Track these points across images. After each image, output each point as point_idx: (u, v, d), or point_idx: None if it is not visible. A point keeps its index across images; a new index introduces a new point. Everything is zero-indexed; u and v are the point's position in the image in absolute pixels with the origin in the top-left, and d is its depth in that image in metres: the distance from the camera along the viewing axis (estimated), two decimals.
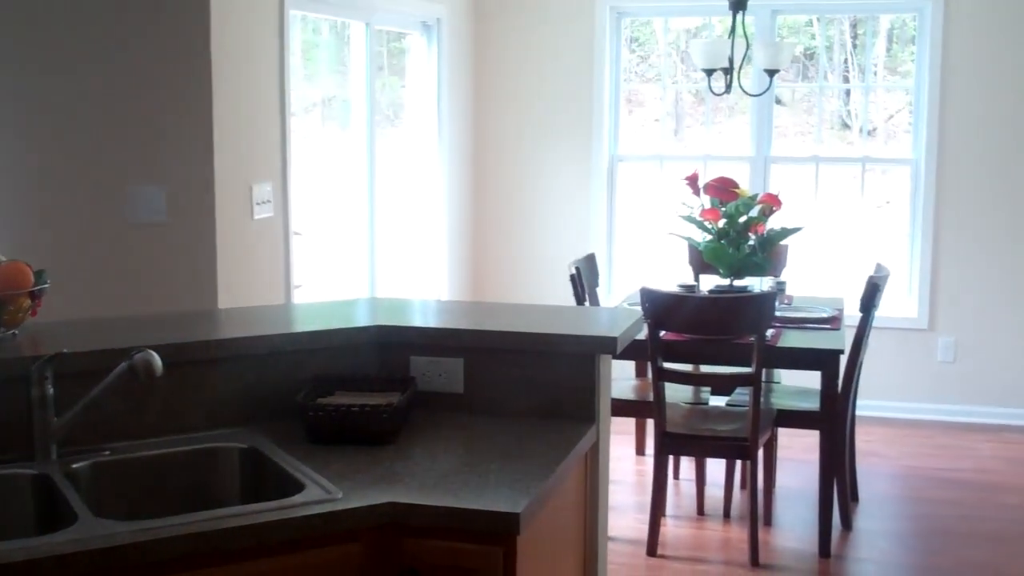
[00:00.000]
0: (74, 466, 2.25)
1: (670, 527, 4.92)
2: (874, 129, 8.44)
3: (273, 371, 2.60)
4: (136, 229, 4.30)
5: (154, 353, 2.25)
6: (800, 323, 4.91)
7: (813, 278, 6.79)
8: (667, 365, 4.50)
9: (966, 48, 6.40)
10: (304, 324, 2.85)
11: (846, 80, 9.54)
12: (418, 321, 2.90)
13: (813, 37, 8.52)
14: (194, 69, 4.23)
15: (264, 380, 2.59)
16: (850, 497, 5.04)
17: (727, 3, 5.22)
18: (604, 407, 2.70)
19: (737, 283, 5.08)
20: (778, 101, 9.08)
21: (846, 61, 9.78)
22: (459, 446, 2.45)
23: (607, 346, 2.62)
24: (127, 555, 1.83)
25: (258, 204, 4.60)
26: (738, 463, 5.09)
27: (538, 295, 6.97)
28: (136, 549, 1.83)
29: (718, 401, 5.28)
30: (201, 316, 3.18)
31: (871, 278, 4.80)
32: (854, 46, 9.17)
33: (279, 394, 2.59)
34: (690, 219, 5.07)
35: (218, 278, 4.31)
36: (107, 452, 2.33)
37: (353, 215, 5.83)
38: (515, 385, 2.66)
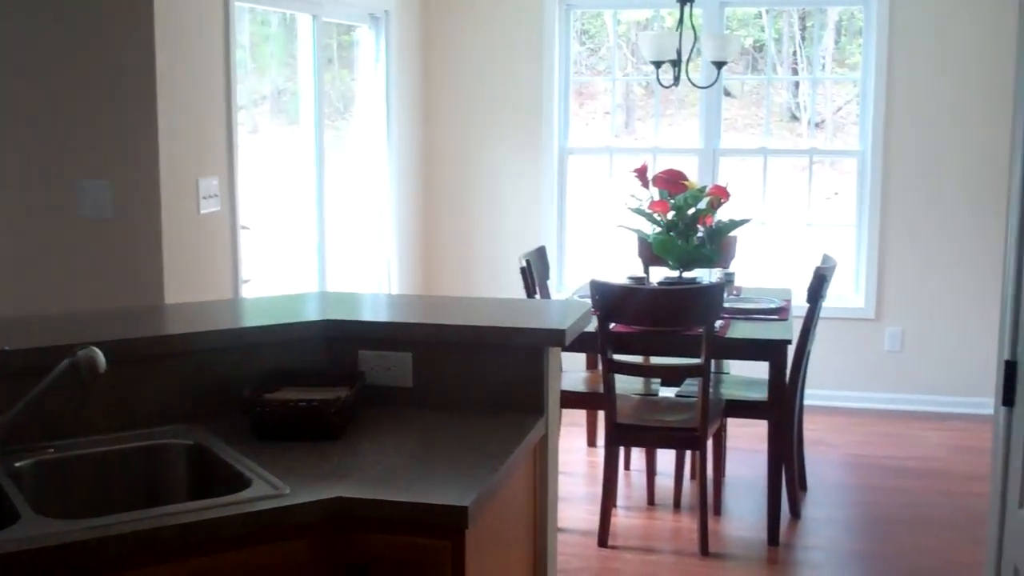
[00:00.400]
0: (17, 464, 2.22)
1: (621, 518, 4.95)
2: (822, 121, 8.52)
3: (220, 367, 2.58)
4: (82, 224, 4.25)
5: (97, 350, 2.22)
6: (748, 314, 4.95)
7: (762, 269, 6.85)
8: (617, 357, 4.52)
9: (911, 40, 6.46)
10: (251, 319, 2.83)
11: (795, 72, 9.63)
12: (366, 315, 2.89)
13: (762, 29, 8.59)
14: (138, 63, 4.18)
15: (211, 376, 2.57)
16: (798, 486, 5.09)
17: None
18: (553, 399, 2.71)
19: (686, 275, 5.11)
20: (728, 93, 9.14)
21: (795, 53, 9.87)
22: (408, 440, 2.44)
23: (556, 339, 2.62)
24: (70, 554, 1.81)
25: (204, 198, 4.56)
26: (688, 453, 5.12)
27: (489, 288, 6.98)
28: (79, 548, 1.81)
29: (668, 392, 5.31)
30: (146, 312, 3.15)
31: (818, 269, 4.85)
32: (803, 38, 9.25)
33: (226, 390, 2.57)
34: (639, 211, 5.09)
35: (164, 273, 4.27)
36: (51, 450, 2.30)
37: (303, 209, 5.79)
38: (464, 378, 2.66)
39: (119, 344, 2.42)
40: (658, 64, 5.16)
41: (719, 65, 5.34)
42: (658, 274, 5.43)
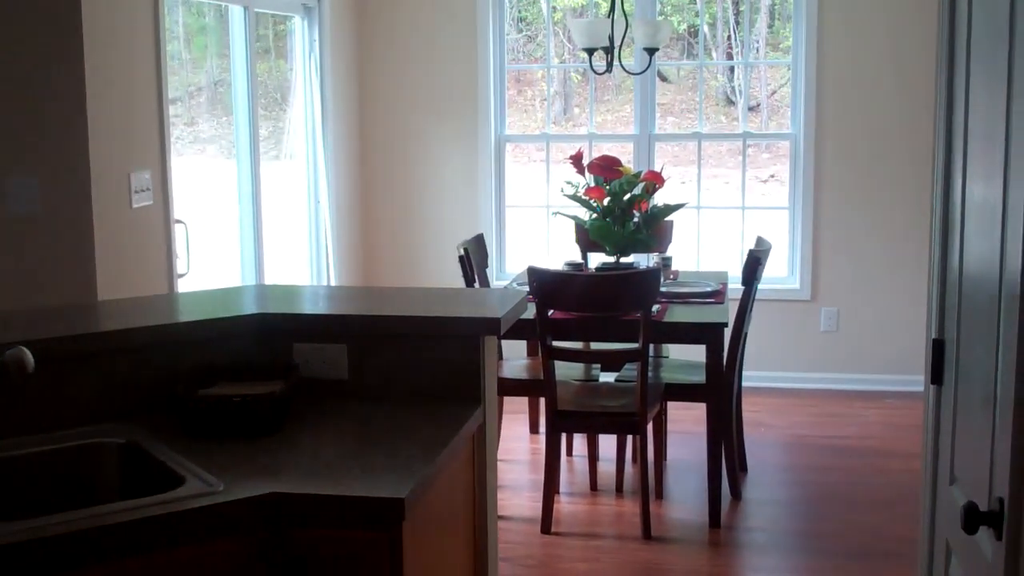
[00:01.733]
0: None
1: (564, 504, 4.97)
2: (757, 105, 8.59)
3: (153, 363, 2.55)
4: (10, 221, 4.17)
5: (25, 349, 2.18)
6: (685, 298, 4.98)
7: (699, 253, 6.90)
8: (556, 344, 4.53)
9: (840, 24, 6.53)
10: (184, 314, 2.80)
11: (730, 57, 9.70)
12: (300, 308, 2.87)
13: (697, 15, 8.63)
14: (67, 56, 4.11)
15: (143, 373, 2.54)
16: (739, 467, 5.14)
17: None
18: (490, 388, 2.71)
19: (624, 260, 5.13)
20: (664, 79, 9.20)
21: (729, 38, 9.94)
22: (344, 433, 2.43)
23: (491, 327, 2.62)
24: (2, 556, 1.78)
25: (136, 192, 4.50)
26: (629, 438, 5.15)
27: (429, 277, 6.96)
28: (11, 550, 1.78)
29: (608, 377, 5.33)
30: (77, 309, 3.10)
31: (752, 252, 4.90)
32: (736, 23, 9.31)
33: (159, 386, 2.54)
34: (575, 198, 5.10)
35: (97, 269, 4.21)
36: None
37: (239, 201, 5.74)
38: (400, 369, 2.65)
39: (48, 342, 2.38)
40: (591, 51, 5.16)
41: (651, 52, 5.36)
42: (597, 260, 5.45)
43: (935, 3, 2.40)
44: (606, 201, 5.02)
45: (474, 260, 5.30)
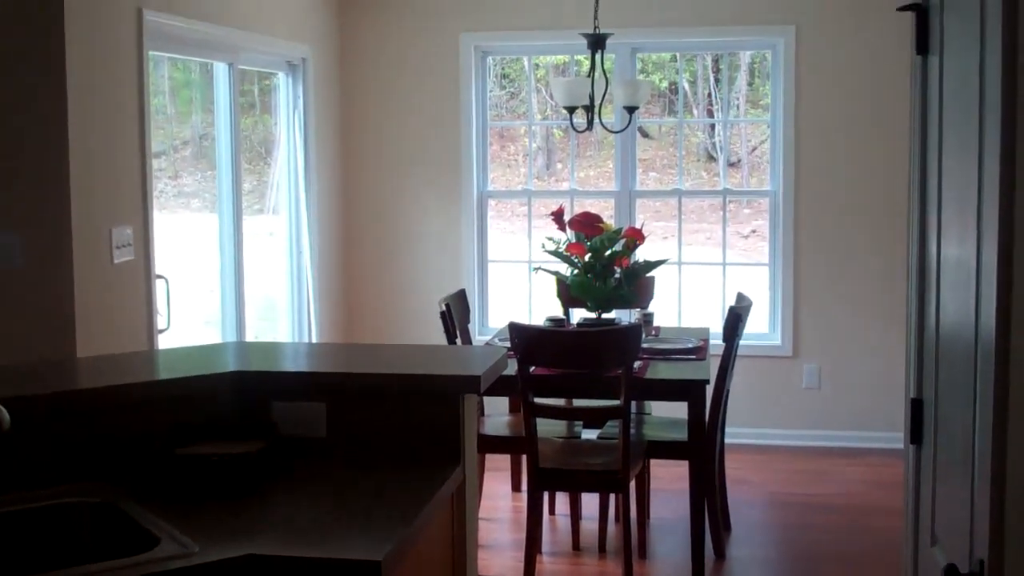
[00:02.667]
0: None
1: (546, 564, 4.92)
2: (738, 161, 8.66)
3: (130, 421, 2.52)
4: None
5: (1, 407, 2.17)
6: (667, 354, 4.98)
7: (681, 309, 6.91)
8: (539, 400, 4.51)
9: (817, 84, 6.60)
10: (163, 371, 2.78)
11: (710, 114, 9.79)
12: (279, 365, 2.86)
13: (677, 72, 8.72)
14: (50, 111, 4.11)
15: (121, 431, 2.51)
16: (722, 526, 5.11)
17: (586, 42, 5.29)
18: (470, 446, 2.69)
19: (605, 316, 5.13)
20: (646, 135, 9.27)
21: (710, 95, 10.04)
22: (321, 493, 2.41)
23: (471, 385, 2.61)
24: None
25: (118, 248, 4.49)
26: (612, 496, 5.12)
27: (411, 333, 6.94)
28: None
29: (591, 434, 5.31)
30: (54, 366, 3.08)
31: (732, 308, 4.91)
32: (716, 81, 9.41)
33: (136, 445, 2.52)
34: (556, 254, 5.12)
35: (77, 325, 4.19)
36: None
37: (221, 255, 5.73)
38: (378, 427, 2.63)
39: (25, 400, 2.36)
40: (571, 109, 5.20)
41: (631, 110, 5.40)
42: (579, 316, 5.45)
43: (910, 64, 2.43)
44: (587, 257, 5.03)
45: (456, 316, 5.30)
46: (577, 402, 5.01)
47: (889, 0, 6.23)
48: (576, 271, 5.09)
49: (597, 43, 5.18)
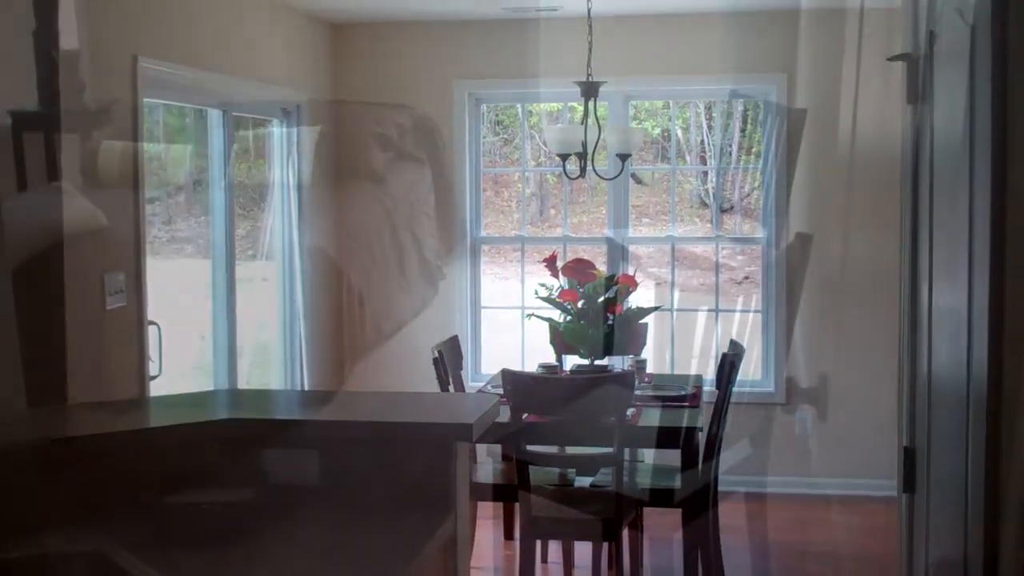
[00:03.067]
0: None
1: None
2: (731, 207, 8.69)
3: (121, 469, 2.51)
4: None
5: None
6: (660, 401, 4.96)
7: (675, 356, 6.90)
8: (531, 447, 4.49)
9: (809, 131, 6.63)
10: (154, 419, 2.77)
11: (703, 161, 9.84)
12: (270, 413, 2.85)
13: (670, 119, 8.77)
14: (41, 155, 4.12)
15: (111, 479, 2.50)
16: (716, 574, 5.07)
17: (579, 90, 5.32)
18: (462, 495, 2.68)
19: (598, 363, 5.13)
20: (640, 181, 9.31)
21: (702, 142, 10.10)
22: (313, 542, 2.40)
23: (463, 433, 2.60)
24: None
25: (111, 294, 4.49)
26: (605, 544, 5.09)
27: (405, 380, 6.91)
28: None
29: (584, 481, 5.28)
30: (43, 413, 3.07)
31: (725, 355, 4.91)
32: (709, 128, 9.47)
33: (127, 493, 2.50)
34: (549, 300, 5.12)
35: (68, 371, 4.16)
36: None
37: (213, 301, 5.72)
38: (370, 476, 2.62)
39: (14, 447, 2.35)
40: (565, 156, 5.22)
41: (624, 157, 5.43)
42: (572, 362, 5.44)
43: (902, 109, 2.45)
44: (580, 304, 5.04)
45: (448, 363, 5.28)
46: (570, 450, 4.99)
47: (880, 49, 6.31)
48: (569, 318, 5.09)
49: (590, 91, 5.21)
